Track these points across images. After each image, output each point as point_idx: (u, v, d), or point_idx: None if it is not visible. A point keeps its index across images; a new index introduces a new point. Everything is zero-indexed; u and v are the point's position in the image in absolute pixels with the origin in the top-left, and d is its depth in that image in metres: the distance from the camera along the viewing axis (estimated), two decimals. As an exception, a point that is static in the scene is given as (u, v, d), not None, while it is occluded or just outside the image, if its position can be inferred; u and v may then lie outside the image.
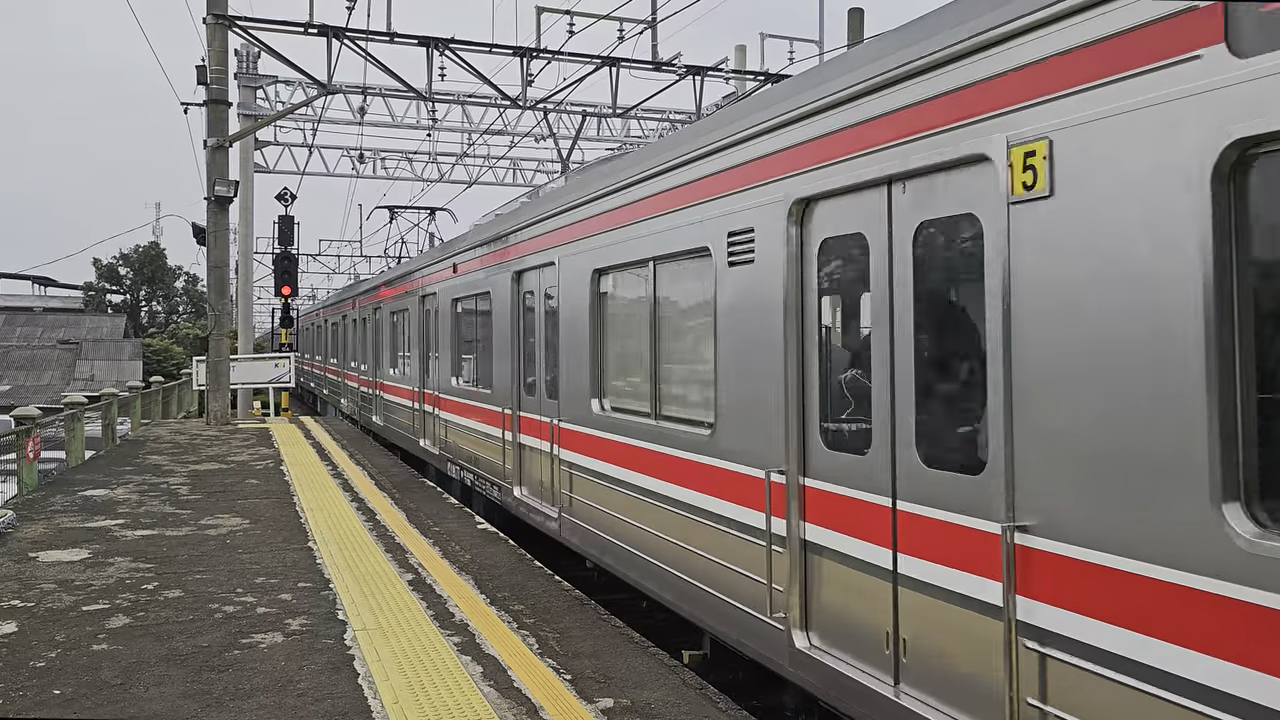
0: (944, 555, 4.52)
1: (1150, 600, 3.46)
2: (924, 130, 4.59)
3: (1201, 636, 3.27)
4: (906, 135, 4.70)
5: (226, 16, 21.66)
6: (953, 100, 4.41)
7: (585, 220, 9.07)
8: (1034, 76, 3.97)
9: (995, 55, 4.16)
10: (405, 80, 22.95)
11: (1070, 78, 3.80)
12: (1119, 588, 3.59)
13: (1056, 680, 3.85)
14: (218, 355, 22.96)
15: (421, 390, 17.18)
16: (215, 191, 22.02)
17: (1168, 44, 3.42)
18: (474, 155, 36.57)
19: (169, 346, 60.40)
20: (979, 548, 4.28)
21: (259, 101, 29.67)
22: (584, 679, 6.12)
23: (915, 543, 4.73)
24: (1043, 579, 3.92)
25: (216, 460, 17.08)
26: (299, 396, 46.90)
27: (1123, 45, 3.58)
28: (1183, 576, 3.33)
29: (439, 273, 15.96)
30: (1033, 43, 3.96)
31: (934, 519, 4.60)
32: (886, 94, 4.82)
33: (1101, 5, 3.67)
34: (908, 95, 4.68)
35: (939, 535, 4.56)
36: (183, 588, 8.27)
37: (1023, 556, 4.01)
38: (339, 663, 6.38)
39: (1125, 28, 3.58)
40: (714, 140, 6.50)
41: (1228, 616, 3.17)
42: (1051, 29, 3.87)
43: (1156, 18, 3.46)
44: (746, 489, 6.11)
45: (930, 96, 4.55)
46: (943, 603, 4.51)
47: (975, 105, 4.27)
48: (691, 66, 23.43)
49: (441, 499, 13.27)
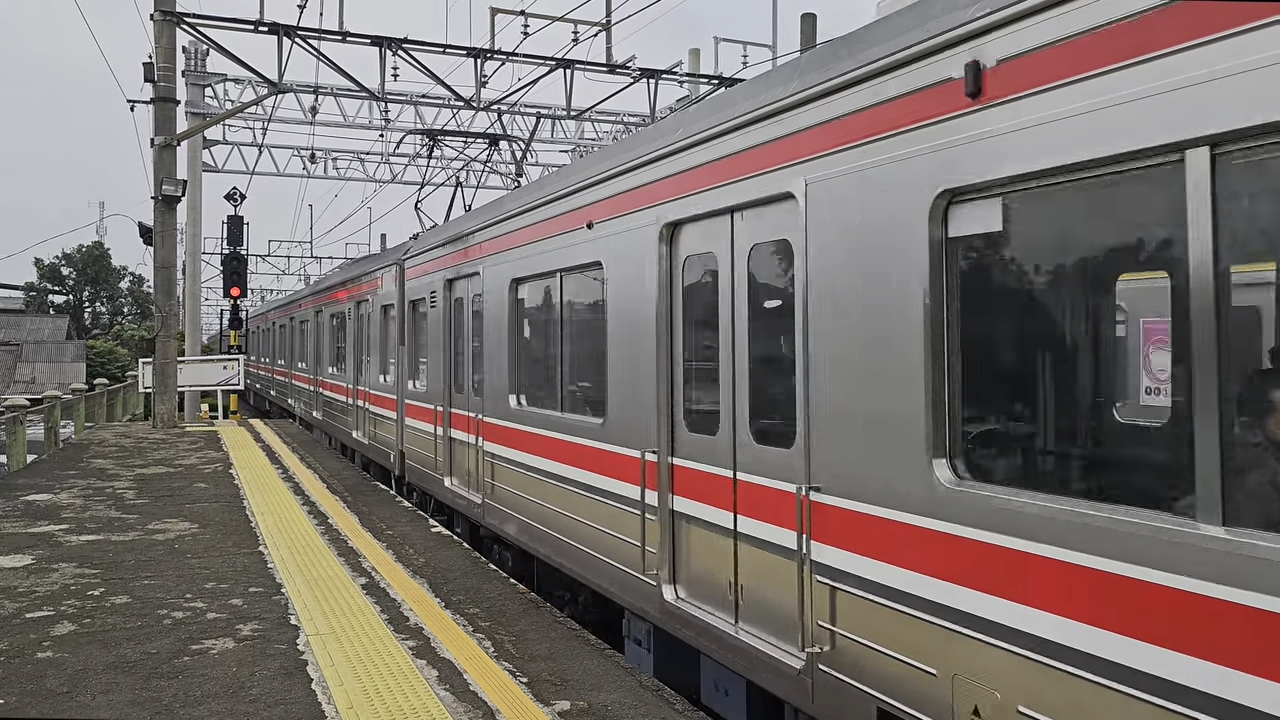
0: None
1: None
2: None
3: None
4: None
5: (174, 13, 21.32)
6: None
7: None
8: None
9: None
10: (357, 80, 22.75)
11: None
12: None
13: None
14: (164, 357, 22.57)
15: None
16: (162, 191, 21.63)
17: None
18: (426, 156, 36.32)
19: (114, 348, 59.27)
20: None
21: (208, 100, 29.26)
22: (540, 682, 6.11)
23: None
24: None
25: (164, 464, 16.79)
26: (249, 401, 46.23)
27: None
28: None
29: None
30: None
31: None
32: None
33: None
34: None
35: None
36: (130, 594, 8.13)
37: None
38: (292, 668, 6.31)
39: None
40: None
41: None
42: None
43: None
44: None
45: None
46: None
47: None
48: (646, 69, 23.47)
49: (395, 502, 13.16)
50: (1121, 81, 3.47)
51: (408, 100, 28.59)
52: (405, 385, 14.64)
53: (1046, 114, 3.76)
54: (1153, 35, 3.37)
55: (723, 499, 6.00)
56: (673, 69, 24.65)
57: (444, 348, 12.46)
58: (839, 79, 4.90)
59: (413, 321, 14.58)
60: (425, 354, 13.56)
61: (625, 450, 7.14)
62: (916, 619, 4.40)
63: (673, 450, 6.63)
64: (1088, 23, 3.61)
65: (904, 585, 4.45)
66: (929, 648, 4.31)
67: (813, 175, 5.08)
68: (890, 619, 4.55)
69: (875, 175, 4.64)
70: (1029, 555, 3.82)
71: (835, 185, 4.91)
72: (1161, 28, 3.35)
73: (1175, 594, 3.30)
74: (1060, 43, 3.72)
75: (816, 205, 5.04)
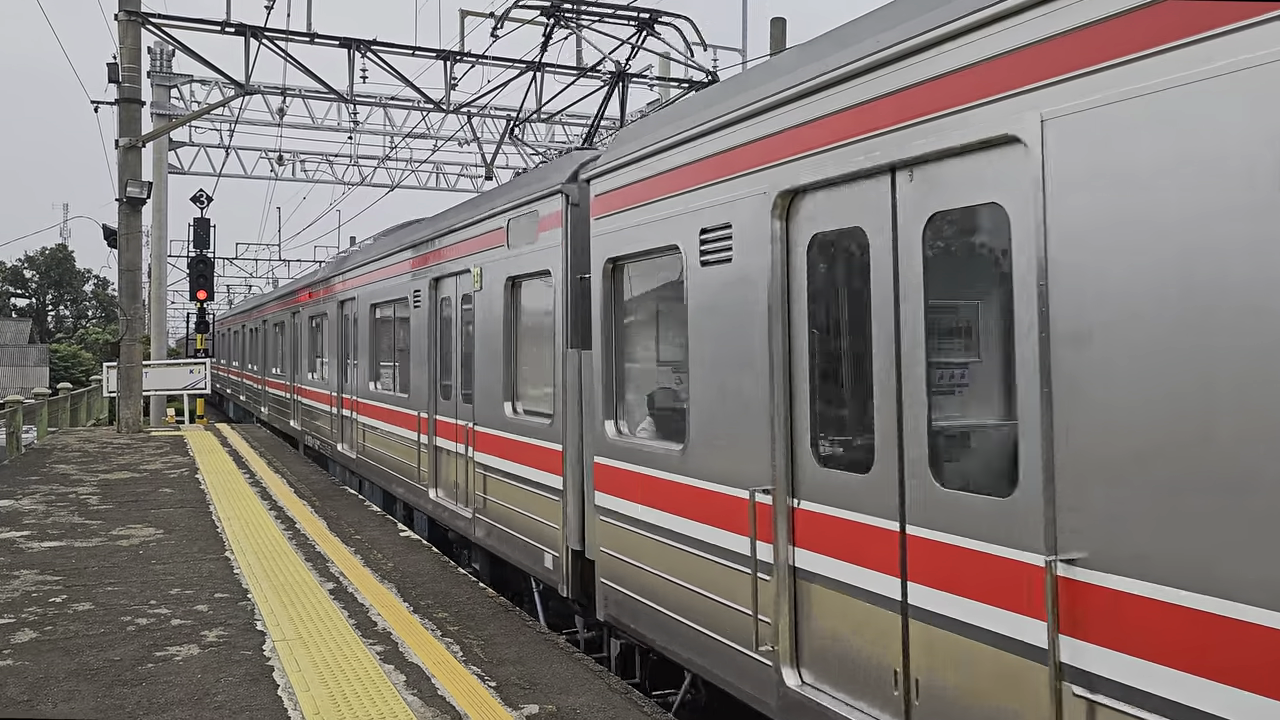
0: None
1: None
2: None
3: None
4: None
5: (139, 13, 21.11)
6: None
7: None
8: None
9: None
10: (326, 82, 22.62)
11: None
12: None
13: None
14: (129, 361, 22.31)
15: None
16: (127, 193, 21.40)
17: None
18: (396, 159, 36.17)
19: (78, 352, 58.55)
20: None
21: (174, 101, 28.98)
22: (509, 685, 6.10)
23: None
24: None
25: (128, 469, 16.59)
26: (216, 405, 45.82)
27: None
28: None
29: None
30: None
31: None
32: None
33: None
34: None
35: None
36: (93, 600, 8.03)
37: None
38: (258, 674, 6.25)
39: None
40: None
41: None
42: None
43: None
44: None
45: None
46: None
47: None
48: (617, 73, 23.46)
49: (363, 506, 13.08)
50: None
51: (376, 102, 28.45)
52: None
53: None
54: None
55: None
56: (643, 73, 24.68)
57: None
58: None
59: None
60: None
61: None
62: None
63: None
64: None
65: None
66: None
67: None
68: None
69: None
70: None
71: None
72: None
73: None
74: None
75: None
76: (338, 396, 17.01)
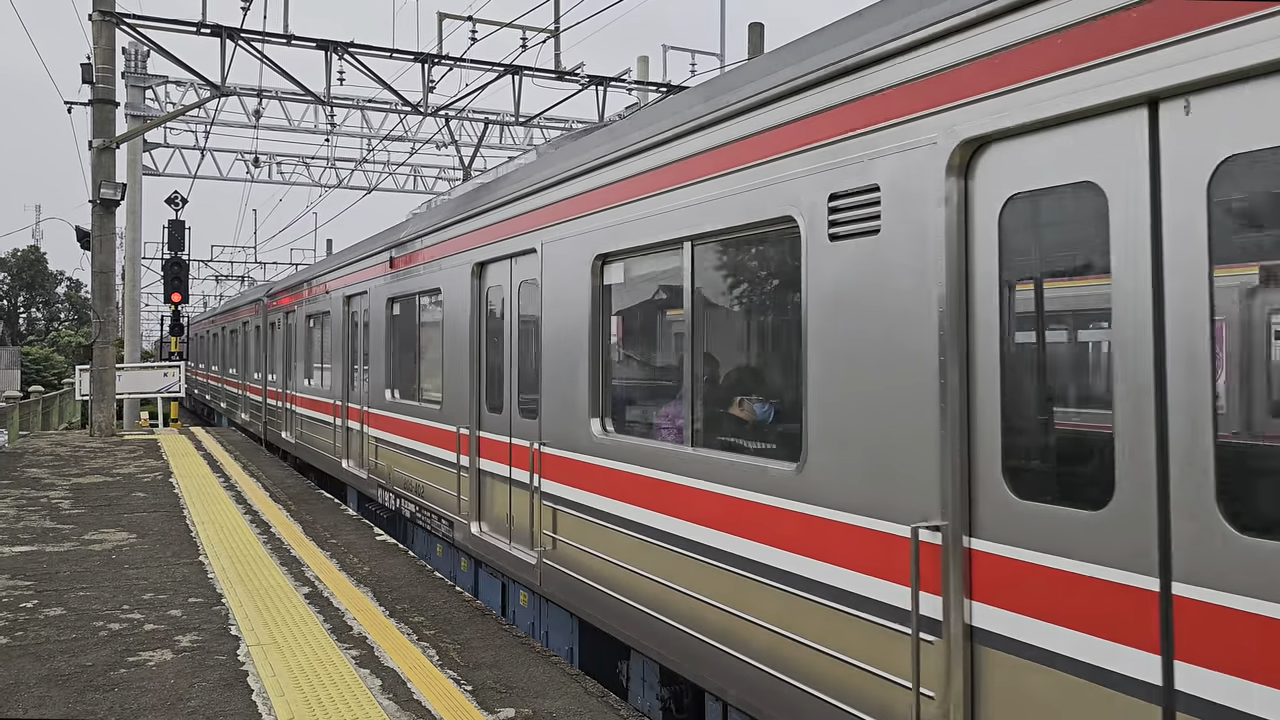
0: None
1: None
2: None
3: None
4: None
5: (114, 14, 20.92)
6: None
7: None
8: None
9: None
10: (302, 84, 22.51)
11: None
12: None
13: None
14: (102, 364, 22.10)
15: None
16: (101, 194, 21.20)
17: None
18: (374, 161, 36.03)
19: (50, 355, 57.88)
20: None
21: (148, 102, 28.73)
22: (485, 690, 6.09)
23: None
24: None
25: (101, 473, 16.44)
26: (191, 409, 45.46)
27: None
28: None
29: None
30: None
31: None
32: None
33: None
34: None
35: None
36: (65, 605, 7.95)
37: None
38: (232, 679, 6.21)
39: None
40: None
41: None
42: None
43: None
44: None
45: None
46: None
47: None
48: (594, 76, 23.50)
49: (339, 510, 13.01)
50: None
51: (354, 105, 28.33)
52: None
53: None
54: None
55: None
56: (621, 76, 24.71)
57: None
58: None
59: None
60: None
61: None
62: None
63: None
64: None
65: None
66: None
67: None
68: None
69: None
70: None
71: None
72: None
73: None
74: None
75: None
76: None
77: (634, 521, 6.34)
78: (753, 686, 5.14)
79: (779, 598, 4.94)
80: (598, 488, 6.83)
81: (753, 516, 5.17)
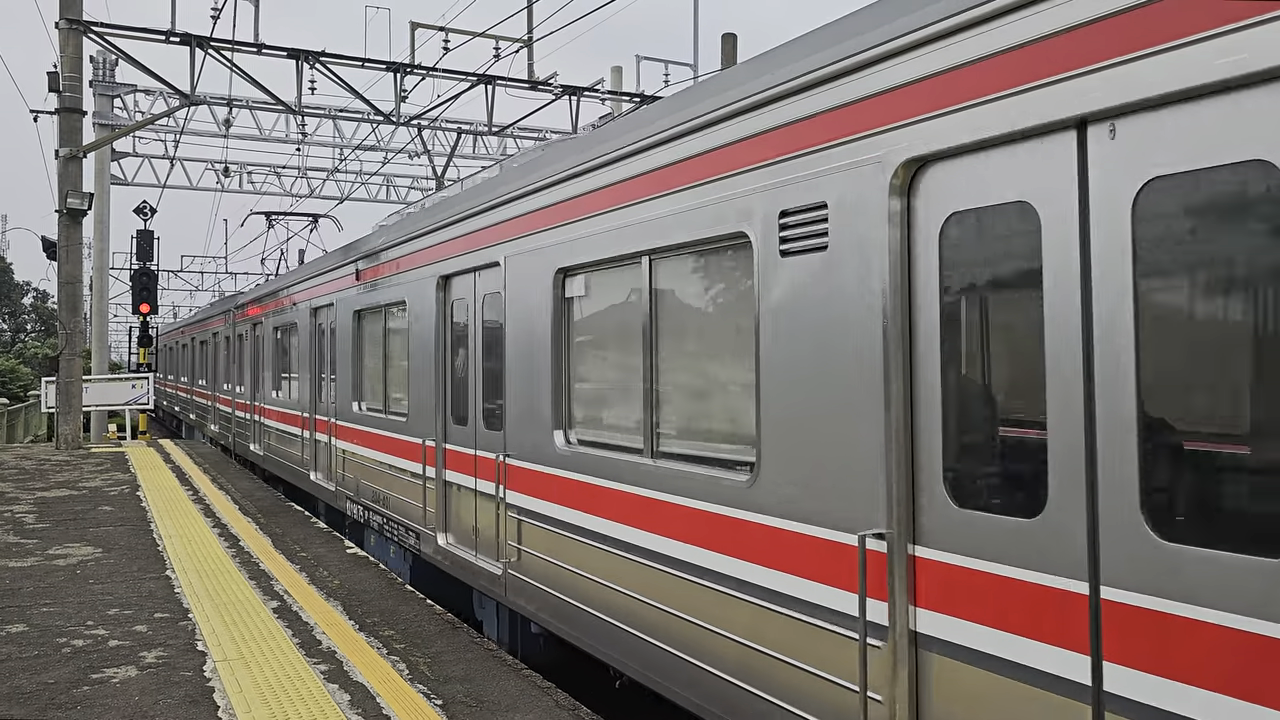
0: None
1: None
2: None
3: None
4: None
5: (81, 22, 20.72)
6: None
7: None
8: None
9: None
10: (273, 93, 22.36)
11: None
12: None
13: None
14: (69, 376, 21.81)
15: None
16: (68, 204, 20.96)
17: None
18: (346, 171, 35.87)
19: (15, 367, 57.07)
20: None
21: (117, 111, 28.48)
22: (455, 704, 6.03)
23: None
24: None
25: (67, 486, 16.20)
26: (160, 420, 45.00)
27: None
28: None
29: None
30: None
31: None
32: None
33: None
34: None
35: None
36: (27, 621, 7.81)
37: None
38: (198, 696, 6.12)
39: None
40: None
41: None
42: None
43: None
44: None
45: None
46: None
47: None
48: (568, 86, 23.51)
49: (309, 523, 12.89)
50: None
51: (326, 114, 28.21)
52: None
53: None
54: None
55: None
56: (594, 86, 24.73)
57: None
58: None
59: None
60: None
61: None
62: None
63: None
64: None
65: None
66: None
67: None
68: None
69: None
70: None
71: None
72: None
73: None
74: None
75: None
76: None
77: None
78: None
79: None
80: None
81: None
